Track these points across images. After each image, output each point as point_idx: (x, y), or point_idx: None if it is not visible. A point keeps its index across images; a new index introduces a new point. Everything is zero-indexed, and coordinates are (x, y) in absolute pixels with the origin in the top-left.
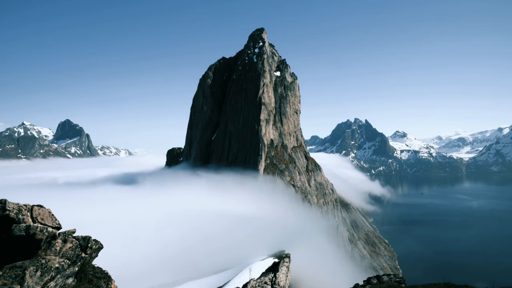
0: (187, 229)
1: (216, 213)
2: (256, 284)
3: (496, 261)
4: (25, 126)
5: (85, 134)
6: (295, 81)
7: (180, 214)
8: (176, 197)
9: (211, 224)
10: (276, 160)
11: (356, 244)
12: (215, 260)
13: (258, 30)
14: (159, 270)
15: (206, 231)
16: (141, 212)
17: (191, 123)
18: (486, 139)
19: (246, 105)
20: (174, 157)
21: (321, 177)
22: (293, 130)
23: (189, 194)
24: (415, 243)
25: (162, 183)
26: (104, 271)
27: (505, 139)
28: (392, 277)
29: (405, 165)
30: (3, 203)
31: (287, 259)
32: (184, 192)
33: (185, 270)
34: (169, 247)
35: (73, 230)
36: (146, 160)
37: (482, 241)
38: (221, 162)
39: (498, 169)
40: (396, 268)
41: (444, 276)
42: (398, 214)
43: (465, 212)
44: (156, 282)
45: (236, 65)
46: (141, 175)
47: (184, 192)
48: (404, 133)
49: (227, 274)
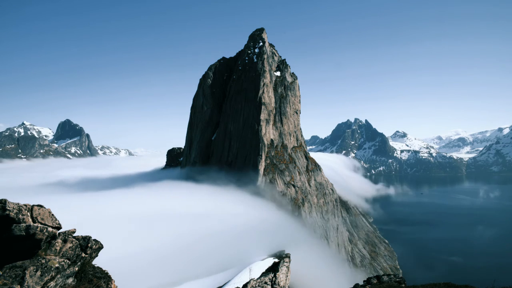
0: (186, 230)
1: (214, 215)
2: (256, 284)
3: (496, 261)
4: (25, 126)
5: (85, 134)
6: (295, 81)
7: (179, 215)
8: (173, 200)
9: (210, 225)
10: (276, 160)
11: (356, 244)
12: (215, 260)
13: (258, 30)
14: (159, 270)
15: (206, 231)
16: (140, 213)
17: (191, 123)
18: (486, 139)
19: (246, 105)
20: (174, 157)
21: (321, 177)
22: (293, 130)
23: (186, 197)
24: (415, 243)
25: (159, 185)
26: (104, 271)
27: (505, 139)
28: (392, 277)
29: (405, 165)
30: (3, 203)
31: (287, 259)
32: (180, 195)
33: (185, 270)
34: (168, 247)
35: (73, 230)
36: (146, 160)
37: (482, 241)
38: (221, 162)
39: (498, 169)
40: (396, 268)
41: (444, 276)
42: (398, 214)
43: (465, 212)
44: (156, 282)
45: (236, 65)
46: (141, 176)
47: (180, 195)
48: (404, 133)
49: (227, 274)
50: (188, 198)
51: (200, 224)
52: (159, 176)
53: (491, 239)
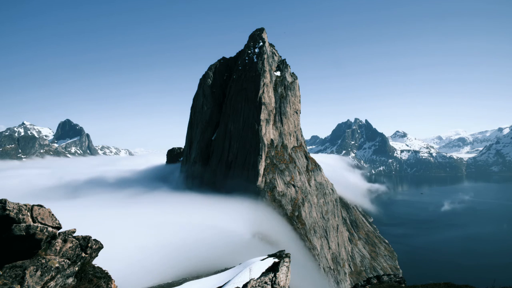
0: (185, 229)
1: (213, 224)
2: (256, 284)
3: (496, 261)
4: (25, 126)
5: (85, 134)
6: (295, 81)
7: (179, 216)
8: (174, 211)
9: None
10: (276, 160)
11: (356, 244)
12: (215, 260)
13: (258, 30)
14: (158, 270)
15: (205, 231)
16: (140, 214)
17: (191, 123)
18: (486, 139)
19: (246, 105)
20: (174, 157)
21: (321, 177)
22: (293, 130)
23: (185, 209)
24: (415, 243)
25: (157, 190)
26: (104, 271)
27: (505, 139)
28: (392, 277)
29: (405, 165)
30: (3, 203)
31: (287, 259)
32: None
33: (185, 270)
34: (168, 247)
35: (73, 230)
36: (146, 160)
37: (482, 241)
38: (221, 161)
39: (498, 169)
40: (396, 268)
41: (444, 276)
42: (398, 214)
43: (465, 212)
44: (155, 282)
45: (236, 65)
46: (140, 176)
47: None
48: (404, 133)
49: (227, 274)
50: (188, 212)
51: (197, 226)
52: (157, 180)
53: (491, 239)
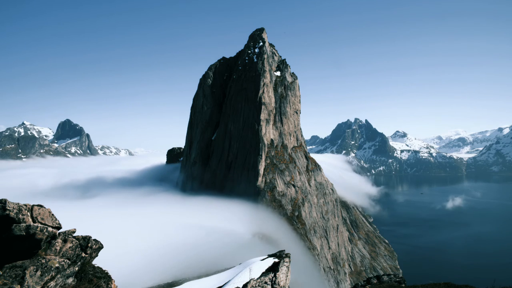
0: (185, 229)
1: (213, 224)
2: (256, 284)
3: (496, 261)
4: (25, 126)
5: (85, 134)
6: (295, 81)
7: (179, 216)
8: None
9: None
10: (276, 160)
11: (356, 244)
12: (215, 260)
13: (258, 30)
14: (158, 270)
15: (205, 231)
16: (140, 214)
17: (191, 123)
18: (486, 139)
19: (246, 105)
20: (174, 157)
21: (321, 177)
22: (293, 130)
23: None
24: (415, 243)
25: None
26: (104, 271)
27: (505, 139)
28: (392, 277)
29: (405, 165)
30: (3, 203)
31: (287, 259)
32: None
33: (185, 270)
34: (168, 247)
35: (73, 230)
36: (146, 160)
37: (482, 241)
38: (221, 162)
39: (498, 169)
40: (396, 268)
41: (444, 276)
42: (398, 214)
43: (465, 212)
44: (155, 282)
45: (236, 65)
46: (140, 176)
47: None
48: (404, 133)
49: (227, 274)
50: (188, 211)
51: (197, 227)
52: (160, 177)
53: (491, 239)
